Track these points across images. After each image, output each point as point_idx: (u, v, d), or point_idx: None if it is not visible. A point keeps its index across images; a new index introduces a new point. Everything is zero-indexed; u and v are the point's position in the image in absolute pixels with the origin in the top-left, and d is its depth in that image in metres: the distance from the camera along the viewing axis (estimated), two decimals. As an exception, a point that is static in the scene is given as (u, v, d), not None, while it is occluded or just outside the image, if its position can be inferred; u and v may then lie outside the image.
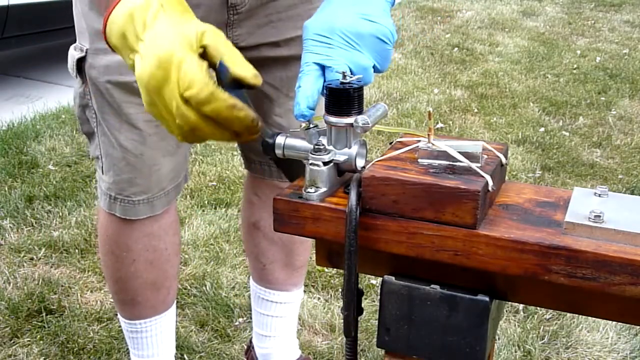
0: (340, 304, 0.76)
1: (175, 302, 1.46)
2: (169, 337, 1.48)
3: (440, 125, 3.35)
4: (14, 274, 2.03)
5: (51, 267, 2.09)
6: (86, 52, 1.18)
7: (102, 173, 1.26)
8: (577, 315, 1.78)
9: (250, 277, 1.62)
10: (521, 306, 1.92)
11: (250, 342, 1.70)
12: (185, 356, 1.72)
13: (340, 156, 0.74)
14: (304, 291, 1.99)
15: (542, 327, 1.86)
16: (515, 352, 1.76)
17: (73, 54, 1.21)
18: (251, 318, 1.85)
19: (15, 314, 1.85)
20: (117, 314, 1.77)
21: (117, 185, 1.24)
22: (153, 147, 1.21)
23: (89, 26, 1.18)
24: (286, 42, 1.26)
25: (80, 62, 1.19)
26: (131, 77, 1.15)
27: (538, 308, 1.91)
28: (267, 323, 1.59)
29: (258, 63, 1.24)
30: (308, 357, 1.70)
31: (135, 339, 1.45)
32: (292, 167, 0.82)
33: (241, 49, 1.23)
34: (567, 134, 3.29)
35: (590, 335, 1.84)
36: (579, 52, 4.75)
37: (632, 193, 2.69)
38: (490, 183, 0.66)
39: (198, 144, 2.96)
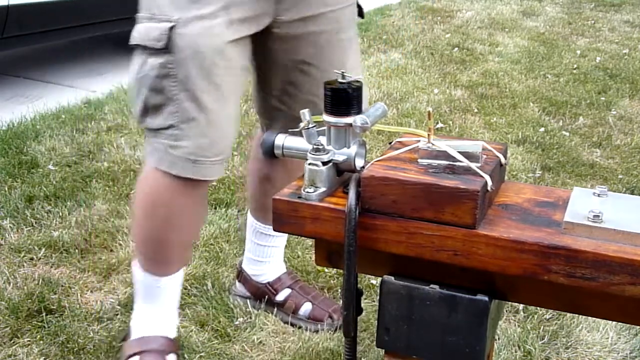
0: (340, 304, 0.76)
1: None
2: (179, 288, 1.65)
3: (440, 125, 3.34)
4: (14, 274, 2.03)
5: (51, 267, 2.09)
6: (175, 22, 1.29)
7: (176, 140, 1.35)
8: (577, 315, 1.78)
9: (249, 213, 1.80)
10: (521, 306, 1.92)
11: (240, 266, 1.91)
12: (185, 356, 1.72)
13: (340, 156, 0.74)
14: (304, 291, 1.99)
15: (542, 327, 1.86)
16: (515, 352, 1.76)
17: (151, 26, 1.31)
18: (251, 318, 1.85)
19: (15, 314, 1.84)
20: (117, 314, 1.77)
21: (199, 148, 1.35)
22: (230, 110, 1.37)
23: None
24: (315, 17, 1.41)
25: (170, 31, 1.30)
26: (220, 39, 1.30)
27: (538, 308, 1.91)
28: (264, 251, 1.83)
29: (293, 39, 1.42)
30: (291, 271, 1.93)
31: (154, 292, 1.60)
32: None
33: (284, 23, 1.40)
34: (567, 134, 3.29)
35: (590, 335, 1.84)
36: (579, 52, 4.75)
37: (632, 193, 2.69)
38: (490, 183, 0.66)
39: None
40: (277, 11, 1.38)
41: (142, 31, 1.33)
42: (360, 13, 1.57)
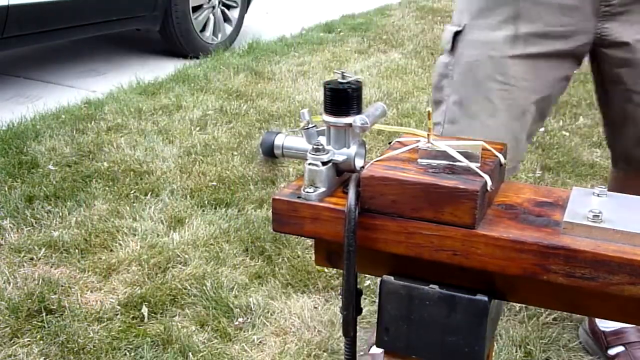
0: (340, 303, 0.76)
1: None
2: None
3: (440, 125, 3.34)
4: (14, 274, 2.03)
5: (51, 267, 2.09)
6: (464, 27, 1.33)
7: None
8: (577, 315, 1.77)
9: None
10: (521, 306, 1.92)
11: None
12: (185, 356, 1.72)
13: (339, 156, 0.74)
14: (304, 292, 1.99)
15: (542, 327, 1.86)
16: (516, 352, 1.76)
17: (448, 28, 1.38)
18: (251, 318, 1.86)
19: (15, 314, 1.85)
20: (117, 314, 1.78)
21: None
22: (500, 122, 1.33)
23: (470, 4, 1.33)
24: None
25: (456, 36, 1.35)
26: (499, 52, 1.29)
27: (539, 308, 1.91)
28: None
29: (627, 62, 1.31)
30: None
31: None
32: None
33: (610, 44, 1.30)
34: (567, 134, 3.29)
35: (590, 335, 1.84)
36: (579, 52, 4.75)
37: (632, 193, 2.68)
38: (489, 183, 0.66)
39: (199, 145, 2.96)
40: (603, 29, 1.26)
41: (445, 33, 1.39)
42: None
